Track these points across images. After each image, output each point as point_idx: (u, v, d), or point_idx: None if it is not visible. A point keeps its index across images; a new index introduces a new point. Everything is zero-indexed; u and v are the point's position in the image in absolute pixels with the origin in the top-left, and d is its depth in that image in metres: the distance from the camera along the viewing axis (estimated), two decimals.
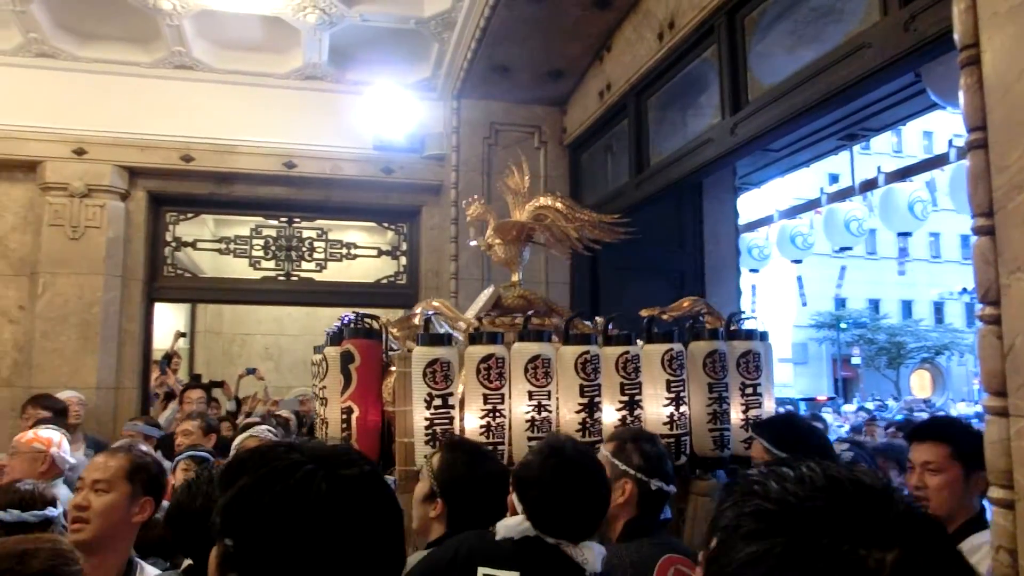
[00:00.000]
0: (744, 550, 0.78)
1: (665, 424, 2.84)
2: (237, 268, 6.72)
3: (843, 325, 32.97)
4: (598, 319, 3.33)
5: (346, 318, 3.06)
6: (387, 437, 2.89)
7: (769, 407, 3.21)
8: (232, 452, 4.08)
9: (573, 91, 6.15)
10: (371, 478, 1.08)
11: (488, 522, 2.07)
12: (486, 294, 3.50)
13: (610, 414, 2.83)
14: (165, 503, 2.48)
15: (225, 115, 6.24)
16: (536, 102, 6.34)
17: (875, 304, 35.62)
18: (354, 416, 2.76)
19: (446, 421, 2.64)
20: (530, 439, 2.67)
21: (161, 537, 2.40)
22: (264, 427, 3.61)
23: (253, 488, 1.02)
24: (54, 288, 6.01)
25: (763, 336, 3.29)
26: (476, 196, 3.74)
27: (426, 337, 2.72)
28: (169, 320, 8.62)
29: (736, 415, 3.03)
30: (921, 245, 34.95)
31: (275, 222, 6.79)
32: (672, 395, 2.86)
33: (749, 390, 3.05)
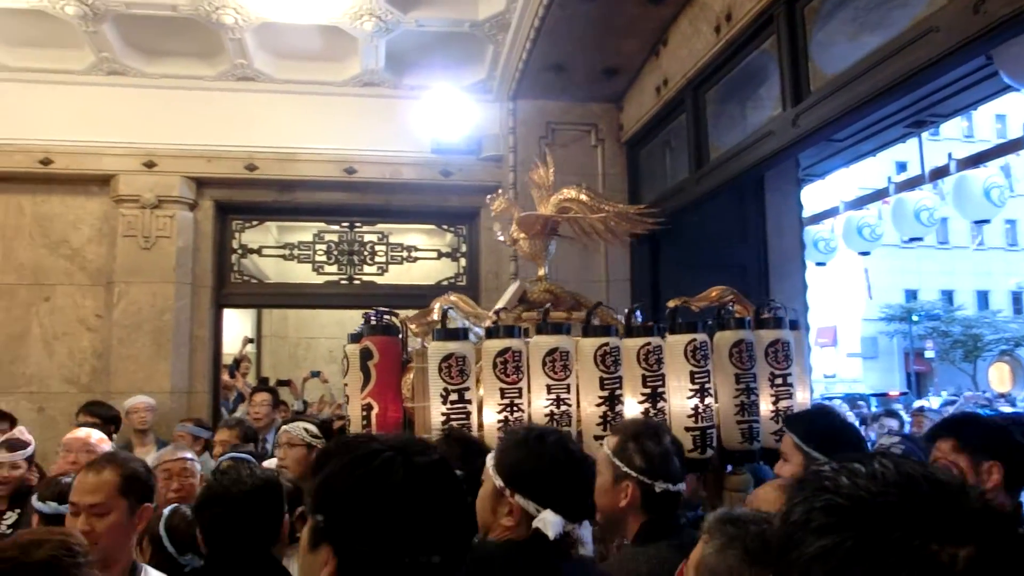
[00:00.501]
0: (815, 544, 0.78)
1: (690, 417, 2.78)
2: (301, 273, 6.92)
3: (915, 318, 31.96)
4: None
5: (369, 316, 3.05)
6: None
7: (804, 399, 3.13)
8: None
9: (629, 87, 6.14)
10: (441, 465, 1.22)
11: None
12: (511, 289, 3.51)
13: (632, 407, 2.77)
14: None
15: (287, 124, 6.42)
16: (592, 100, 6.35)
17: (948, 295, 34.45)
18: (374, 413, 2.75)
19: (463, 416, 2.62)
20: None
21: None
22: (301, 423, 3.66)
23: (339, 472, 1.17)
24: (128, 297, 6.28)
25: (793, 324, 3.20)
26: (500, 191, 3.74)
27: (441, 332, 2.73)
28: (237, 325, 8.89)
29: (766, 407, 2.95)
30: (997, 233, 33.68)
31: (337, 227, 6.96)
32: (696, 386, 2.78)
33: (779, 380, 2.96)
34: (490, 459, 1.97)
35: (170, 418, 6.10)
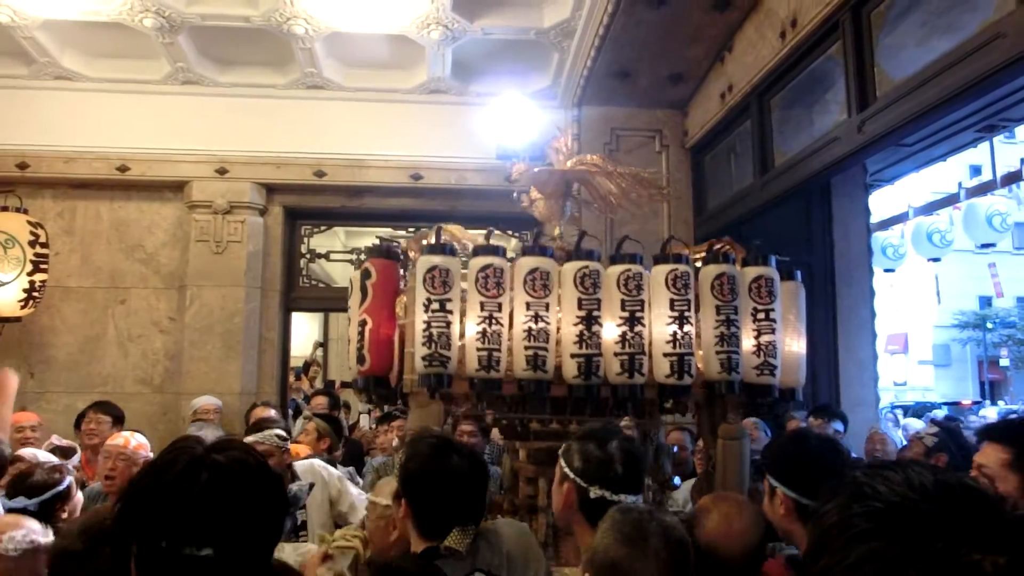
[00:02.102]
0: (856, 550, 0.81)
1: (668, 342, 2.90)
2: None
3: (989, 325, 31.15)
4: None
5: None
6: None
7: (800, 348, 3.23)
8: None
9: (694, 94, 6.35)
10: (236, 463, 1.34)
11: (455, 524, 2.15)
12: None
13: (611, 330, 2.90)
14: None
15: (355, 131, 6.79)
16: (656, 106, 6.57)
17: None
18: (367, 328, 2.96)
19: (443, 325, 2.79)
20: (527, 347, 2.81)
21: None
22: (273, 432, 3.77)
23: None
24: (200, 300, 6.69)
25: (791, 275, 3.35)
26: (518, 161, 3.87)
27: (428, 247, 2.93)
28: (305, 329, 9.26)
29: (748, 340, 3.07)
30: None
31: (403, 232, 7.26)
32: (676, 313, 2.92)
33: (761, 315, 3.09)
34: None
35: (241, 419, 6.47)
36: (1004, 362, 31.76)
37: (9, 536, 2.24)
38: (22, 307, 6.44)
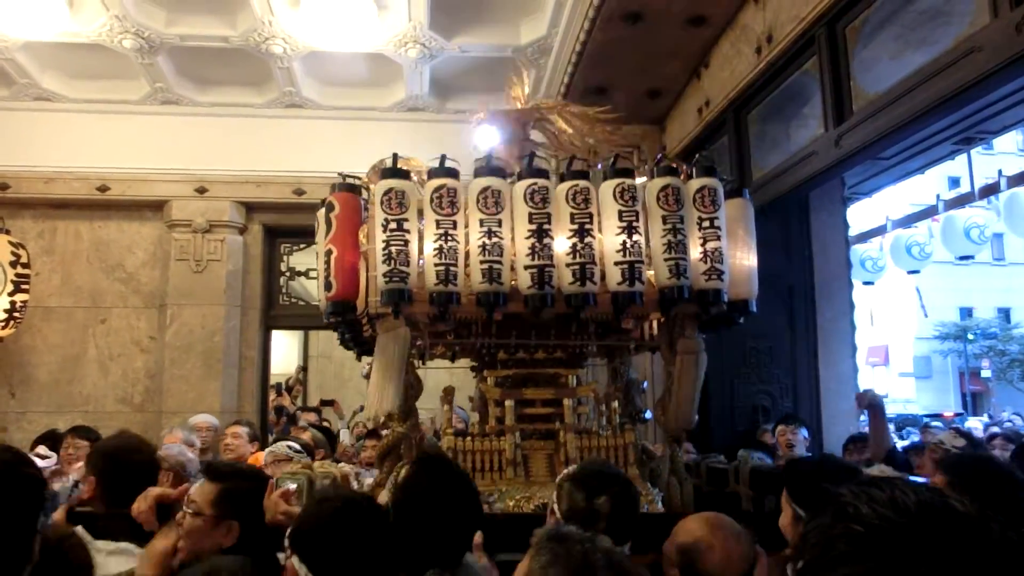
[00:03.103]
0: (837, 570, 0.80)
1: (618, 251, 2.97)
2: None
3: (970, 336, 31.03)
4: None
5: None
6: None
7: (751, 263, 3.31)
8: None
9: (671, 109, 6.21)
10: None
11: (454, 555, 2.00)
12: None
13: (562, 243, 2.97)
14: None
15: (333, 149, 6.62)
16: (634, 121, 6.40)
17: (1006, 313, 33.39)
18: (333, 256, 3.04)
19: (401, 243, 2.88)
20: (482, 262, 2.89)
21: None
22: (283, 443, 3.90)
23: None
24: (180, 319, 6.51)
25: (737, 192, 3.43)
26: (484, 105, 3.86)
27: (384, 171, 3.03)
28: (285, 346, 9.10)
29: (695, 249, 3.13)
30: None
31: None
32: (624, 224, 2.99)
33: (706, 223, 3.15)
34: None
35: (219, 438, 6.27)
36: (986, 373, 31.59)
37: None
38: (3, 327, 6.33)
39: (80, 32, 5.70)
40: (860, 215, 7.75)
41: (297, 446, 3.87)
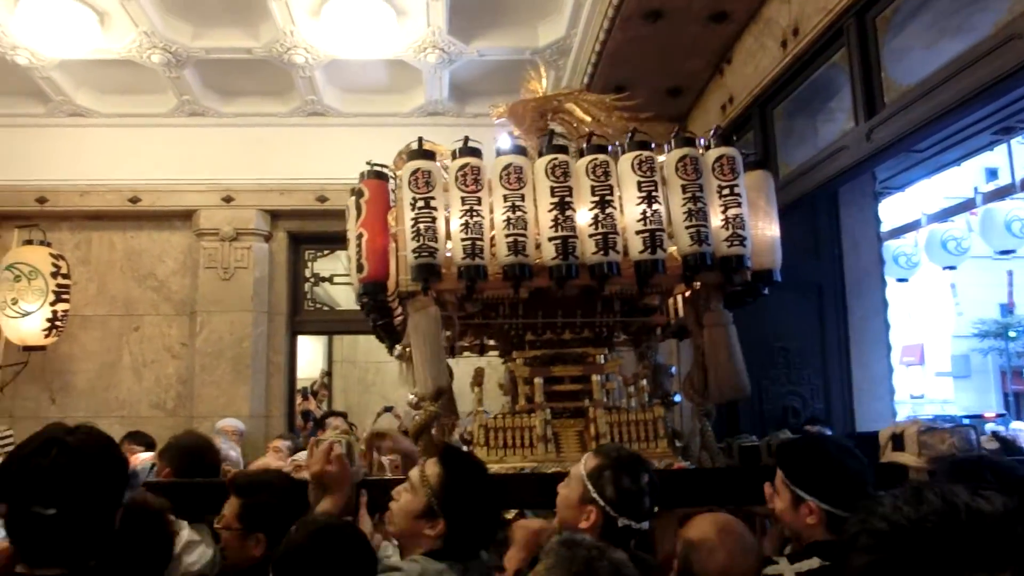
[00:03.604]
0: (858, 560, 0.88)
1: (639, 221, 2.97)
2: None
3: (1012, 334, 29.64)
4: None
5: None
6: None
7: (774, 233, 3.26)
8: None
9: (693, 106, 5.92)
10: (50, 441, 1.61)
11: (487, 540, 2.18)
12: None
13: (583, 215, 2.99)
14: None
15: (355, 155, 6.31)
16: (656, 120, 6.11)
17: None
18: (364, 239, 3.08)
19: (429, 220, 2.93)
20: (507, 235, 2.93)
21: None
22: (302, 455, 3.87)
23: None
24: (210, 325, 6.44)
25: (759, 164, 3.40)
26: (502, 102, 3.81)
27: (411, 152, 3.10)
28: (310, 351, 9.02)
29: (716, 218, 3.10)
30: None
31: None
32: (644, 194, 2.99)
33: (725, 191, 3.12)
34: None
35: (250, 440, 6.18)
36: None
37: None
38: (46, 336, 6.37)
39: (111, 49, 5.68)
40: (893, 210, 7.35)
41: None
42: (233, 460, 3.96)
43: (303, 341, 7.57)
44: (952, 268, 7.37)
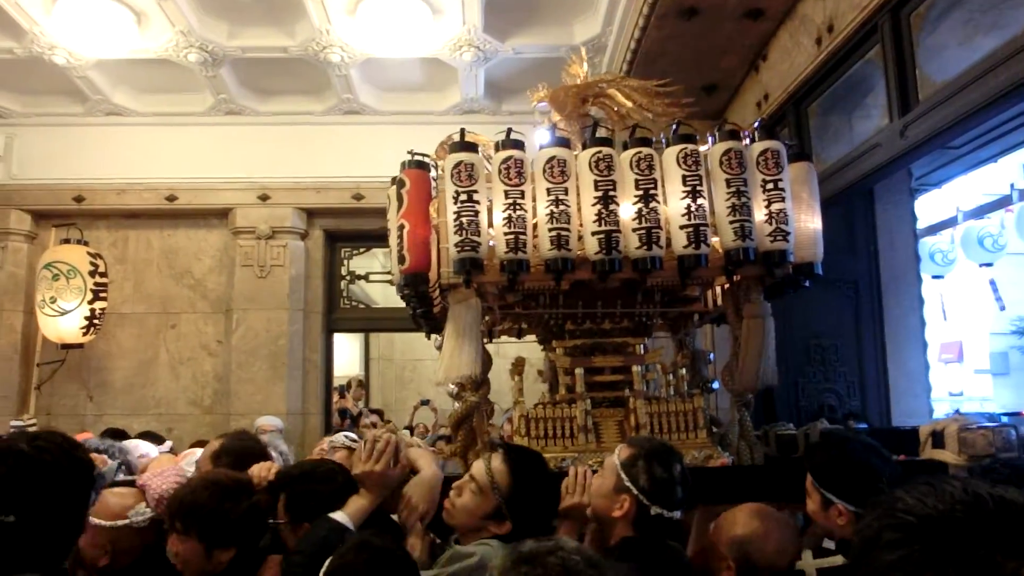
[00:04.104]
0: (883, 557, 0.84)
1: (683, 215, 3.00)
2: None
3: None
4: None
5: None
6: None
7: (816, 225, 3.29)
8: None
9: (729, 104, 6.09)
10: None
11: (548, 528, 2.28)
12: None
13: (627, 209, 3.00)
14: None
15: (391, 153, 6.56)
16: (691, 117, 6.27)
17: None
18: (406, 230, 3.10)
19: (472, 213, 2.94)
20: (551, 229, 2.94)
21: None
22: (342, 434, 3.95)
23: None
24: (246, 323, 6.67)
25: (802, 155, 3.41)
26: (542, 86, 3.85)
27: (453, 144, 3.09)
28: (347, 349, 9.25)
29: (760, 212, 3.13)
30: None
31: None
32: (688, 188, 3.01)
33: (770, 185, 3.15)
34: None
35: (286, 438, 6.37)
36: None
37: (138, 509, 2.50)
38: (84, 334, 6.61)
39: (148, 48, 5.92)
40: (929, 207, 7.48)
41: (355, 436, 3.93)
42: (283, 452, 4.13)
43: (340, 339, 7.76)
44: (988, 265, 7.46)
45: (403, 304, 3.33)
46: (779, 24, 5.03)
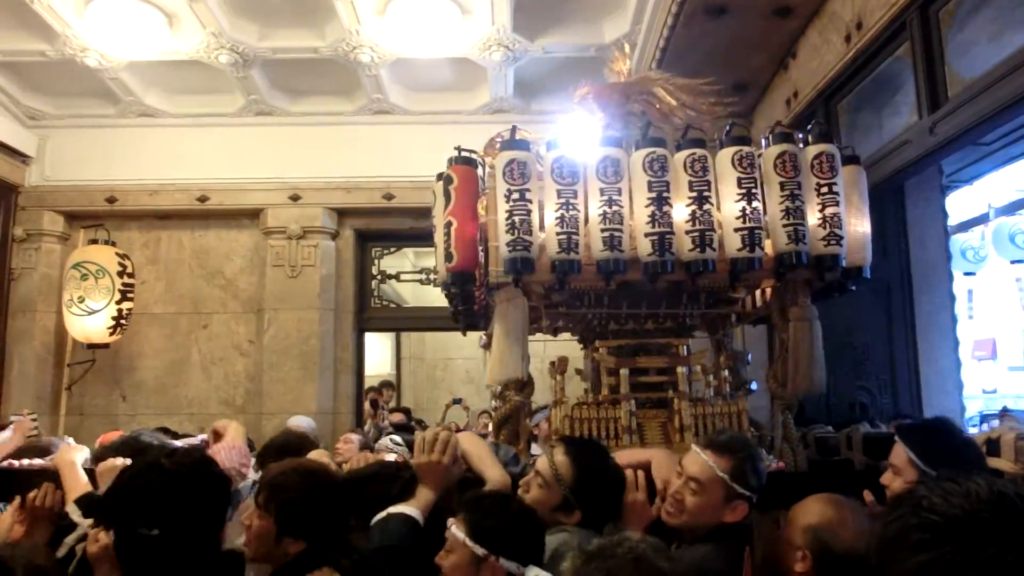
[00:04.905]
0: (912, 559, 0.85)
1: (738, 218, 3.02)
2: (437, 297, 7.29)
3: None
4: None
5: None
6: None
7: (865, 229, 3.35)
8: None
9: (758, 102, 6.23)
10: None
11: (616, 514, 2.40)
12: None
13: (680, 211, 3.04)
14: None
15: (421, 153, 6.83)
16: (723, 117, 6.43)
17: None
18: (453, 228, 3.12)
19: (524, 212, 2.97)
20: (603, 230, 2.97)
21: None
22: (387, 438, 4.07)
23: None
24: (277, 323, 6.89)
25: (853, 159, 3.47)
26: (584, 80, 3.86)
27: (504, 143, 3.12)
28: (378, 348, 9.42)
29: (813, 215, 3.17)
30: None
31: None
32: (743, 191, 3.03)
33: (824, 189, 3.20)
34: (459, 530, 2.09)
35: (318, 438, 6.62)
36: None
37: None
38: (110, 333, 6.82)
39: (180, 50, 6.14)
40: (960, 203, 7.58)
41: (399, 439, 4.08)
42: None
43: (371, 338, 7.96)
44: (1020, 262, 7.56)
45: (433, 303, 3.40)
46: (808, 22, 5.15)
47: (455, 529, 2.09)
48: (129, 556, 1.80)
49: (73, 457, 2.74)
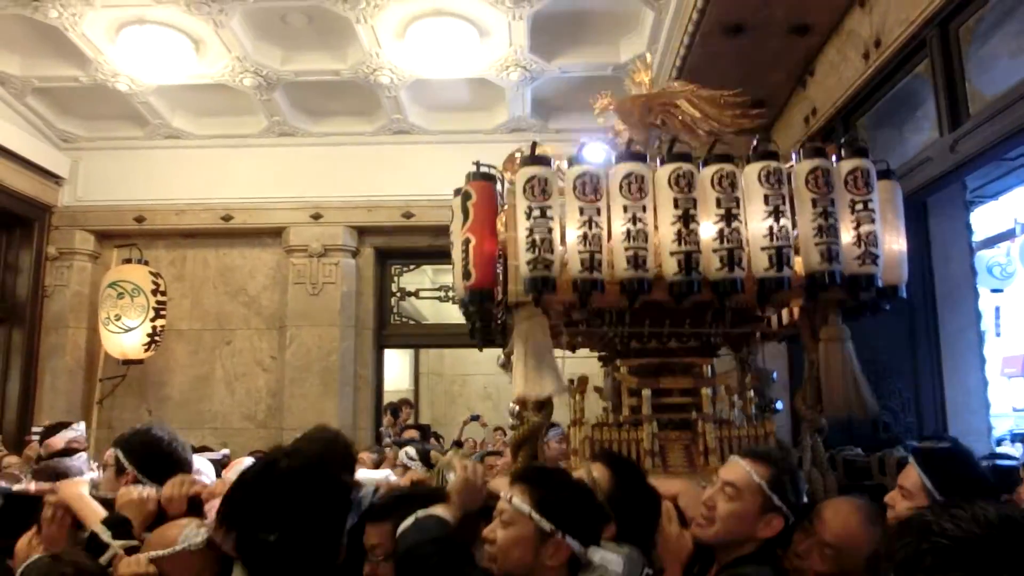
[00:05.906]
0: None
1: (765, 236, 2.88)
2: (455, 313, 7.26)
3: None
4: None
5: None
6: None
7: (900, 247, 3.19)
8: None
9: (776, 119, 6.12)
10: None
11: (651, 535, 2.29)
12: None
13: (708, 228, 2.89)
14: None
15: (440, 172, 6.79)
16: (739, 132, 6.34)
17: None
18: (471, 245, 2.99)
19: (545, 230, 2.84)
20: (627, 248, 2.84)
21: None
22: (403, 452, 4.07)
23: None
24: (299, 340, 6.89)
25: (887, 172, 3.29)
26: (605, 92, 3.73)
27: (525, 159, 2.96)
28: (397, 364, 9.41)
29: (848, 233, 3.01)
30: None
31: None
32: (771, 208, 2.89)
33: (859, 206, 3.02)
34: (523, 502, 1.96)
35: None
36: None
37: (187, 533, 2.30)
38: (145, 350, 6.91)
39: (205, 74, 6.22)
40: (985, 219, 7.38)
41: (413, 452, 4.01)
42: None
43: (390, 354, 7.96)
44: None
45: (452, 320, 3.30)
46: (826, 39, 5.07)
47: (517, 500, 1.94)
48: (252, 561, 1.71)
49: (78, 490, 2.68)
